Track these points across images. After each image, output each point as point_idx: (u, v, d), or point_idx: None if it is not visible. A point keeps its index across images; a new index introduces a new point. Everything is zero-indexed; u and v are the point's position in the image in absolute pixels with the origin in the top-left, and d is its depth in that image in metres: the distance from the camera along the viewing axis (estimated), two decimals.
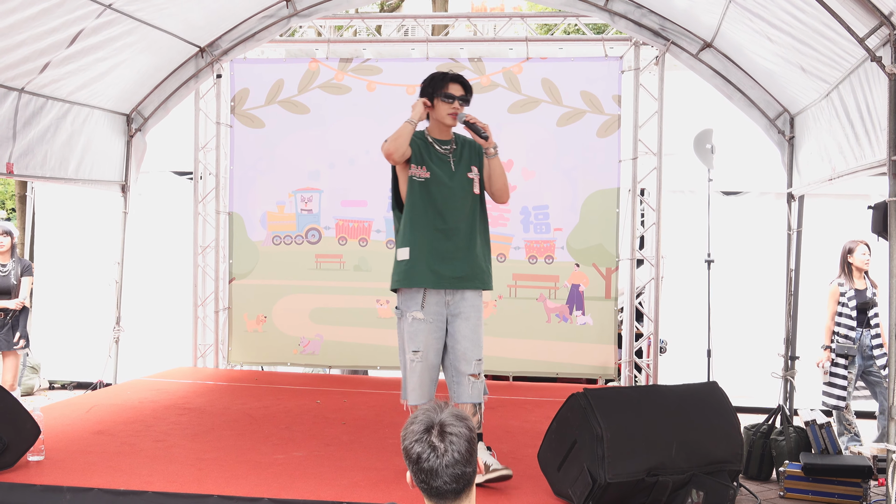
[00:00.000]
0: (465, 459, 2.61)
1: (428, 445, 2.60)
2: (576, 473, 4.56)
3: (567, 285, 8.79)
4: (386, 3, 17.65)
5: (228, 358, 9.40)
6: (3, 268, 8.01)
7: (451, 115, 5.09)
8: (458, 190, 5.11)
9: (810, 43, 5.43)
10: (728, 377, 6.85)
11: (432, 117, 5.16)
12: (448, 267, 5.01)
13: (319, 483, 5.00)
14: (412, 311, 5.00)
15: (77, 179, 7.92)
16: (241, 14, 8.32)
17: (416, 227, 5.03)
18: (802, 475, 6.16)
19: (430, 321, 4.99)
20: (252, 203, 9.31)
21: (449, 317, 5.05)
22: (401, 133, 4.95)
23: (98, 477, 4.96)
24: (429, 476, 2.60)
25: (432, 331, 5.00)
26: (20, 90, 6.89)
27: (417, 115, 5.03)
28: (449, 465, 2.59)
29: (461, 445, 2.61)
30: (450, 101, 5.07)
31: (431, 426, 2.63)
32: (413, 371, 5.02)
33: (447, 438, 2.61)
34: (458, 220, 5.08)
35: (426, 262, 4.98)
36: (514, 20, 9.07)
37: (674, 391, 5.05)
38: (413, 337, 5.00)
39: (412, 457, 2.62)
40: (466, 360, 5.04)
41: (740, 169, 9.46)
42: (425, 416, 2.66)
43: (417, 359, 4.99)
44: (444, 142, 5.19)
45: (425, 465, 2.60)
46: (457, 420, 2.64)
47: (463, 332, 5.04)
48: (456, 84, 5.11)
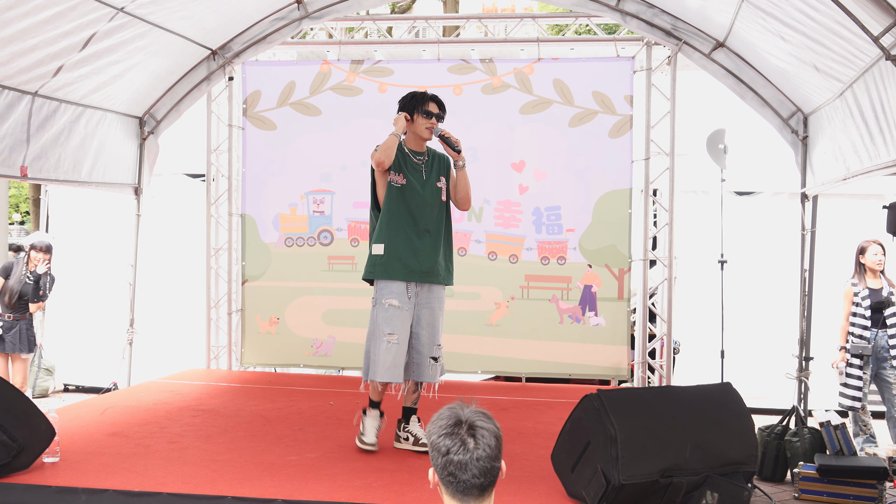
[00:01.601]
0: (494, 455, 2.66)
1: (458, 439, 2.64)
2: (589, 474, 4.55)
3: (580, 286, 8.78)
4: (397, 4, 17.67)
5: (241, 359, 9.42)
6: (31, 275, 8.11)
7: (428, 129, 5.78)
8: (429, 197, 5.81)
9: (824, 42, 5.41)
10: (741, 378, 6.82)
11: (410, 130, 5.83)
12: (417, 262, 5.72)
13: (332, 484, 5.00)
14: (387, 298, 5.67)
15: (90, 182, 7.95)
16: (252, 16, 8.34)
17: (392, 227, 5.74)
18: (817, 476, 6.15)
19: (404, 309, 5.67)
20: (264, 205, 9.32)
21: (416, 306, 5.74)
22: (389, 144, 5.64)
23: (113, 478, 4.97)
24: (458, 469, 2.63)
25: (406, 317, 5.68)
26: (34, 94, 6.92)
27: (401, 128, 5.75)
28: (479, 459, 2.63)
29: (490, 441, 2.66)
30: (428, 118, 5.77)
31: (461, 422, 2.67)
32: (388, 352, 5.60)
33: (478, 433, 2.65)
34: (428, 222, 5.79)
35: (399, 257, 5.69)
36: (525, 21, 9.06)
37: (688, 392, 5.03)
38: (389, 321, 5.64)
39: (441, 450, 2.65)
40: (428, 344, 5.76)
41: (753, 169, 9.43)
42: (452, 412, 2.70)
43: (393, 340, 5.62)
44: (418, 153, 5.86)
45: (455, 457, 2.63)
46: (484, 418, 2.70)
47: (428, 319, 5.76)
48: (433, 103, 5.81)
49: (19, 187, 27.43)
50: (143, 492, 4.75)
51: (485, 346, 8.87)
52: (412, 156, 5.81)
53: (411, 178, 5.75)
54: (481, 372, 9.09)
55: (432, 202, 5.81)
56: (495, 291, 8.90)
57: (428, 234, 5.77)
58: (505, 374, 9.14)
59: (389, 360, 5.59)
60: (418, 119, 5.76)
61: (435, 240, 5.81)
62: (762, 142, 8.88)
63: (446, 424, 2.67)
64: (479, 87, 8.91)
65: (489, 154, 8.89)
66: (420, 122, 5.76)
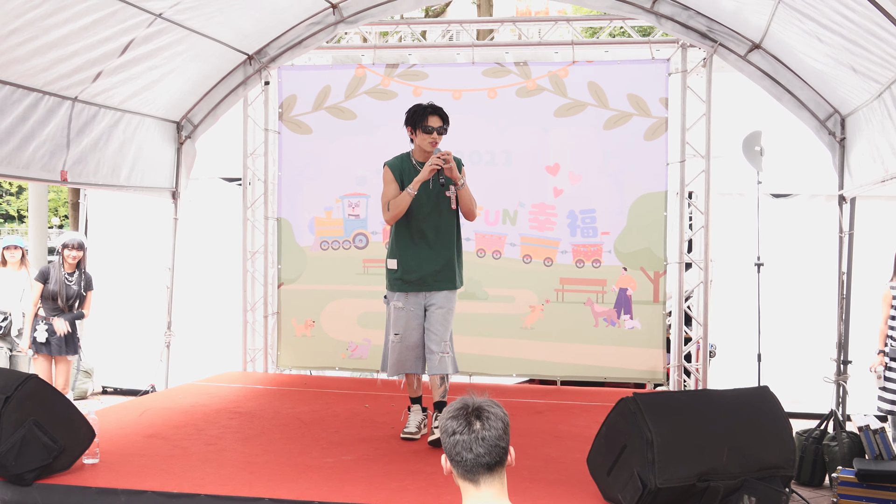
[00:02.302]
0: (500, 436, 2.77)
1: (465, 421, 2.77)
2: (626, 478, 4.54)
3: (615, 289, 8.75)
4: (431, 8, 17.70)
5: (277, 362, 9.47)
6: (69, 276, 8.15)
7: (430, 144, 5.88)
8: (437, 207, 5.94)
9: (861, 43, 5.36)
10: (779, 382, 6.78)
11: (415, 143, 5.95)
12: (428, 273, 5.93)
13: (369, 487, 5.02)
14: (394, 300, 6.01)
15: (129, 186, 8.04)
16: (288, 21, 8.40)
17: (401, 242, 5.97)
18: (856, 481, 6.09)
19: (410, 310, 5.97)
20: (300, 209, 9.37)
21: (426, 306, 5.99)
22: (402, 204, 5.82)
23: (151, 479, 5.02)
24: (463, 448, 2.75)
25: (412, 318, 5.98)
26: (74, 99, 7.01)
27: (416, 187, 5.79)
28: (485, 439, 2.75)
29: (497, 423, 2.78)
30: (429, 133, 5.85)
31: (468, 406, 2.80)
32: (393, 350, 6.00)
33: (484, 415, 2.78)
34: (438, 232, 5.96)
35: (412, 271, 5.93)
36: (559, 23, 9.04)
37: (724, 396, 5.00)
38: (395, 322, 6.00)
39: (448, 430, 2.78)
40: (437, 340, 5.94)
41: (790, 171, 9.37)
42: (461, 400, 2.84)
43: (397, 340, 5.97)
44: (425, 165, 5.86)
45: (461, 437, 2.76)
46: (492, 404, 2.83)
47: (436, 317, 5.97)
48: (434, 116, 5.87)
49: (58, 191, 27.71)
50: (182, 493, 4.79)
51: (519, 349, 8.86)
52: (420, 167, 5.89)
53: (419, 190, 5.84)
54: (516, 375, 9.08)
55: (440, 212, 5.95)
56: (530, 294, 8.89)
57: (439, 244, 5.94)
58: (540, 377, 9.13)
59: (394, 358, 6.00)
60: (420, 134, 5.86)
61: (446, 249, 5.97)
62: (799, 144, 8.82)
63: (455, 408, 2.82)
64: (514, 90, 8.91)
65: (524, 157, 8.89)
66: (422, 137, 5.86)
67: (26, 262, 9.00)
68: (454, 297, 6.09)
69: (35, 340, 8.06)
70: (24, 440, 4.86)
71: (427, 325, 5.98)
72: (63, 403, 5.25)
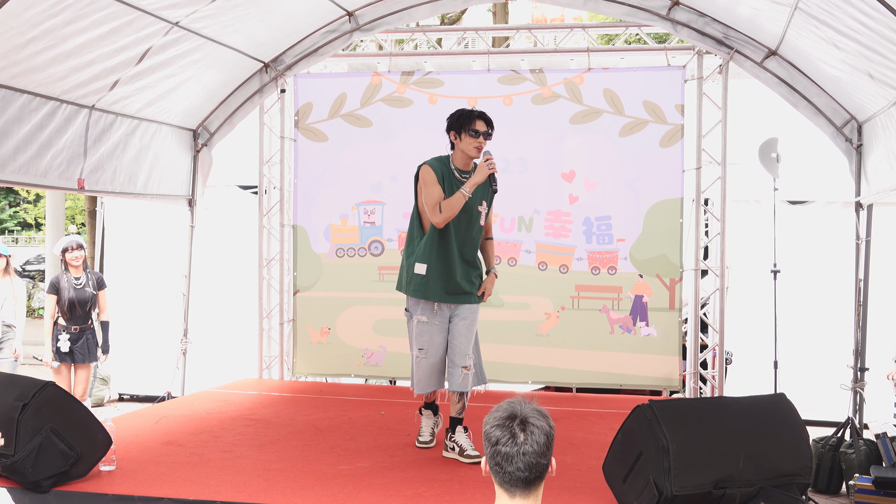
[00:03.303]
0: (542, 451, 2.72)
1: (508, 431, 2.71)
2: (641, 485, 4.53)
3: (630, 296, 8.74)
4: (446, 16, 17.73)
5: (293, 369, 9.49)
6: (78, 280, 8.15)
7: (476, 149, 5.70)
8: (471, 220, 5.81)
9: (878, 49, 5.35)
10: (795, 389, 6.76)
11: (457, 149, 5.77)
12: (455, 286, 5.77)
13: (384, 494, 5.03)
14: (418, 314, 5.82)
15: (145, 194, 8.08)
16: (304, 29, 8.44)
17: (435, 249, 5.74)
18: (873, 489, 6.05)
19: (435, 324, 5.80)
20: (316, 216, 9.40)
21: (451, 318, 5.84)
22: (456, 205, 5.62)
23: (167, 487, 5.04)
24: (504, 460, 2.70)
25: (437, 332, 5.81)
26: (91, 107, 7.06)
27: (471, 187, 5.63)
28: (526, 454, 2.69)
29: (540, 438, 2.72)
30: (475, 136, 5.67)
31: (515, 416, 2.74)
32: (419, 366, 5.86)
33: (528, 428, 2.72)
34: (469, 246, 5.84)
35: (440, 281, 5.74)
36: (575, 31, 9.04)
37: (740, 403, 4.99)
38: (419, 337, 5.83)
39: (491, 439, 2.73)
40: (460, 353, 5.80)
41: (806, 178, 9.34)
42: (510, 406, 2.78)
43: (423, 355, 5.82)
44: (464, 172, 5.81)
45: (503, 448, 2.70)
46: (539, 415, 2.77)
47: (460, 330, 5.82)
48: (481, 121, 5.71)
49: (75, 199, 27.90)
50: (198, 500, 4.82)
51: (535, 356, 8.85)
52: (458, 174, 5.79)
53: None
54: (531, 382, 9.07)
55: (472, 225, 5.83)
56: (545, 301, 8.89)
57: (466, 256, 5.83)
58: (555, 384, 9.12)
59: (421, 374, 5.86)
60: (465, 138, 5.68)
61: (473, 264, 5.88)
62: (815, 150, 8.78)
63: (500, 416, 2.76)
64: (529, 97, 8.91)
65: (539, 164, 8.89)
66: (468, 141, 5.68)
67: (10, 270, 8.96)
68: (478, 311, 5.97)
69: (59, 350, 8.07)
70: (42, 447, 4.89)
71: (450, 338, 5.83)
72: (80, 410, 5.28)
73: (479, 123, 5.68)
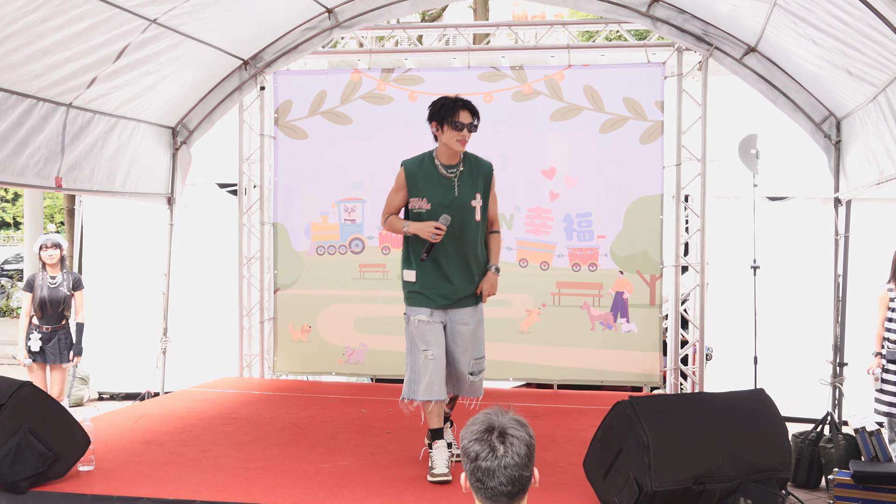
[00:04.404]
0: (524, 463, 2.62)
1: (487, 445, 2.61)
2: (622, 482, 4.53)
3: (611, 293, 8.75)
4: (427, 13, 17.71)
5: (274, 368, 9.46)
6: (54, 280, 8.09)
7: (459, 142, 5.24)
8: (463, 218, 5.32)
9: (856, 46, 5.37)
10: (775, 385, 6.78)
11: (440, 141, 5.31)
12: (449, 290, 5.35)
13: (365, 492, 5.02)
14: (416, 315, 5.35)
15: (124, 192, 8.03)
16: (283, 26, 8.40)
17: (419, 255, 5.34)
18: (852, 483, 6.08)
19: (437, 322, 5.35)
20: (296, 214, 9.37)
21: (448, 322, 5.41)
22: (394, 229, 5.45)
23: (147, 486, 5.02)
24: (485, 475, 2.60)
25: (438, 330, 5.34)
26: (68, 105, 7.00)
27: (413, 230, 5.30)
28: (507, 467, 2.60)
29: (520, 449, 2.62)
30: (459, 129, 5.20)
31: (493, 428, 2.64)
32: (426, 368, 5.27)
33: (507, 440, 2.62)
34: (465, 246, 5.36)
35: (430, 289, 5.34)
36: (555, 28, 9.05)
37: (720, 398, 5.00)
38: (422, 336, 5.31)
39: (470, 455, 2.63)
40: (466, 361, 5.42)
41: (786, 174, 9.37)
42: (486, 417, 2.68)
43: (430, 356, 5.27)
44: (450, 166, 5.35)
45: (483, 464, 2.60)
46: (518, 425, 2.66)
47: (462, 336, 5.41)
48: (465, 111, 5.22)
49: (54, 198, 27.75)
50: (177, 500, 4.80)
51: (516, 353, 8.85)
52: (443, 169, 5.33)
53: (438, 197, 5.30)
54: (513, 379, 9.08)
55: (462, 223, 5.31)
56: (526, 298, 8.89)
57: (458, 257, 5.33)
58: (536, 381, 9.12)
59: (429, 377, 5.24)
60: (448, 131, 5.20)
61: (466, 264, 5.37)
62: (794, 146, 8.82)
63: (477, 430, 2.66)
64: (510, 94, 8.91)
65: (520, 161, 8.89)
66: (450, 134, 5.20)
67: None
68: (481, 313, 5.53)
69: (30, 350, 8.03)
70: (19, 448, 4.85)
71: (452, 344, 5.39)
72: (58, 410, 5.25)
73: (462, 114, 5.19)
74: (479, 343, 5.48)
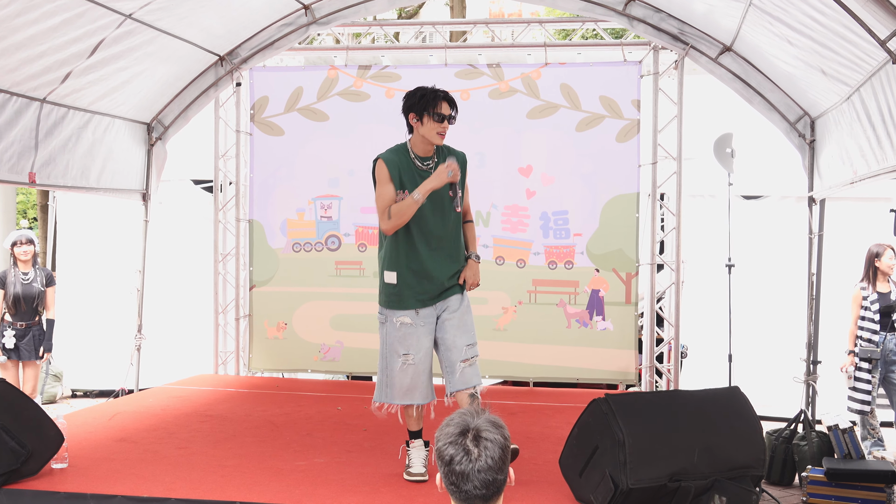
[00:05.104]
0: (498, 466, 2.58)
1: (462, 448, 2.57)
2: (598, 479, 4.55)
3: (587, 291, 8.77)
4: (403, 10, 17.69)
5: (249, 365, 9.42)
6: (26, 276, 8.03)
7: (439, 134, 5.11)
8: (439, 208, 5.16)
9: (831, 46, 5.40)
10: (749, 382, 6.82)
11: (417, 133, 5.15)
12: (433, 286, 5.15)
13: (342, 489, 5.01)
14: (398, 316, 5.16)
15: (98, 188, 7.97)
16: (260, 22, 8.37)
17: (401, 251, 5.15)
18: (825, 480, 6.13)
19: (421, 325, 5.15)
20: (272, 211, 9.33)
21: (438, 315, 5.21)
22: (407, 212, 5.02)
23: (121, 484, 4.99)
24: (459, 479, 2.57)
25: (424, 334, 5.15)
26: (42, 100, 6.94)
27: (425, 194, 5.02)
28: (481, 471, 2.56)
29: (495, 452, 2.57)
30: (440, 121, 5.08)
31: (467, 430, 2.60)
32: (405, 373, 5.13)
33: (481, 444, 2.57)
34: (441, 237, 5.19)
35: (414, 287, 5.14)
36: (532, 26, 9.06)
37: (695, 396, 5.03)
38: (403, 340, 5.14)
39: (444, 458, 2.59)
40: (457, 347, 5.13)
41: (760, 173, 9.42)
42: (461, 419, 2.64)
43: (409, 361, 5.12)
44: (425, 158, 5.21)
45: (457, 468, 2.57)
46: (493, 427, 2.61)
47: (451, 322, 5.17)
48: (446, 103, 5.12)
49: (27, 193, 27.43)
50: (152, 497, 4.77)
51: (492, 350, 8.85)
52: (419, 161, 5.18)
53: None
54: (489, 376, 9.08)
55: (444, 214, 5.19)
56: (503, 296, 8.89)
57: (442, 251, 5.19)
58: (512, 378, 9.14)
59: (407, 382, 5.13)
60: (428, 122, 5.06)
61: (450, 256, 5.23)
62: (769, 146, 8.87)
63: (452, 432, 2.62)
64: (487, 91, 8.91)
65: (496, 159, 8.89)
66: (430, 126, 5.07)
67: None
68: (467, 299, 5.31)
69: (4, 347, 7.96)
70: None
71: (441, 332, 5.17)
72: (31, 407, 5.21)
73: (443, 106, 5.08)
74: (468, 329, 5.22)
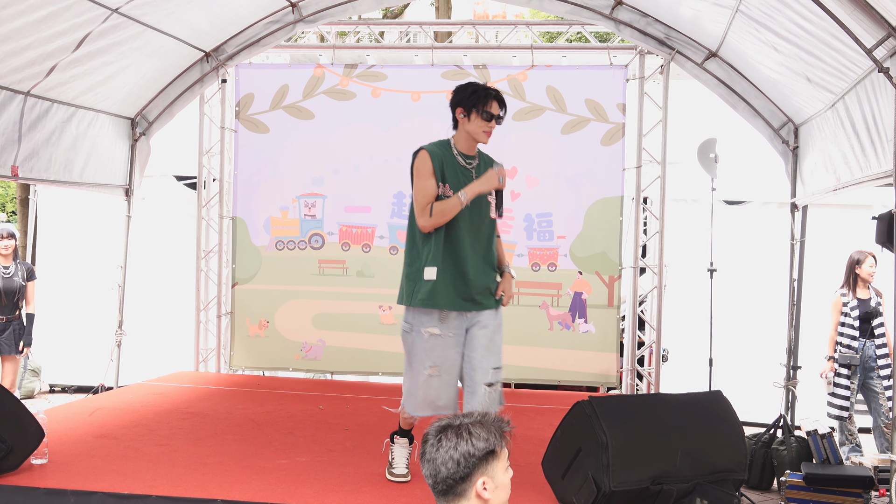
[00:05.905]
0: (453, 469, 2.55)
1: (437, 435, 2.60)
2: (580, 481, 4.56)
3: (570, 293, 8.80)
4: (389, 9, 17.68)
5: (230, 363, 9.39)
6: (7, 269, 7.99)
7: (486, 133, 4.90)
8: (477, 212, 4.90)
9: (817, 53, 5.44)
10: (729, 387, 6.82)
11: (463, 129, 4.92)
12: (467, 288, 4.84)
13: (323, 488, 5.00)
14: (427, 327, 4.83)
15: (81, 183, 7.93)
16: (246, 19, 8.34)
17: (444, 249, 4.82)
18: (804, 485, 6.15)
19: (450, 335, 4.84)
20: (255, 208, 9.31)
21: (468, 327, 4.90)
22: (449, 212, 4.74)
23: (101, 480, 4.96)
24: (423, 459, 2.64)
25: (452, 345, 4.85)
26: (26, 93, 6.90)
27: (473, 195, 4.78)
28: (433, 461, 2.57)
29: (453, 453, 2.55)
30: (488, 120, 4.87)
31: (458, 423, 2.61)
32: (428, 385, 4.85)
33: (449, 440, 2.58)
34: (483, 241, 4.94)
35: (452, 286, 4.81)
36: (518, 28, 9.08)
37: (678, 400, 5.05)
38: (430, 352, 4.84)
39: (424, 437, 2.67)
40: (482, 369, 4.83)
41: (744, 178, 9.46)
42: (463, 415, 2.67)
43: (435, 373, 4.83)
44: (468, 157, 4.97)
45: (424, 448, 2.64)
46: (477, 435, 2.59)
47: (480, 340, 4.87)
48: (497, 103, 4.89)
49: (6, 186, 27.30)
50: (133, 494, 4.74)
51: None
52: (463, 159, 4.95)
53: (461, 187, 4.82)
54: None
55: (485, 217, 4.94)
56: None
57: (478, 255, 4.91)
58: None
59: (431, 394, 4.87)
60: (476, 120, 4.84)
61: (486, 261, 4.95)
62: (753, 151, 8.91)
63: (438, 425, 2.64)
64: None
65: None
66: (477, 123, 4.86)
67: None
68: (501, 317, 5.02)
69: None
70: None
71: (469, 350, 4.87)
72: (11, 402, 5.17)
73: (493, 105, 4.86)
74: (497, 351, 4.94)
